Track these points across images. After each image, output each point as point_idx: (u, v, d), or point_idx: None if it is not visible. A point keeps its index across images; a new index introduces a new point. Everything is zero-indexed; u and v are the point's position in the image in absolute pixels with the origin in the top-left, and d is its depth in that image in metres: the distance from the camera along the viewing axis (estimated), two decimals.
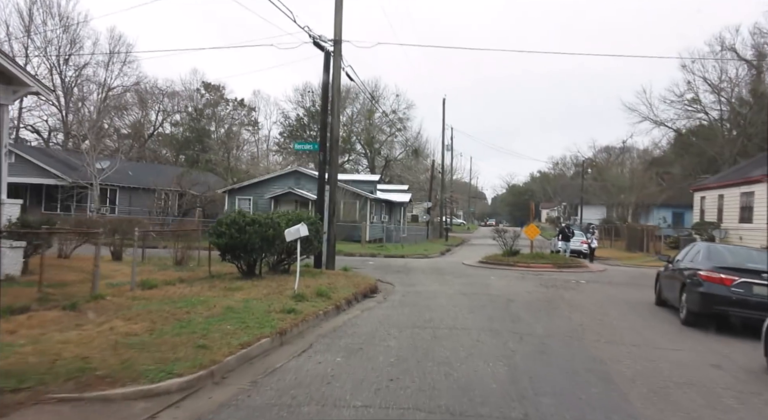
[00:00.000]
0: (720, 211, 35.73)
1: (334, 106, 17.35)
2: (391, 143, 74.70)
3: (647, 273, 20.38)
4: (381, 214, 43.39)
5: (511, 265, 20.56)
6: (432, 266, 21.03)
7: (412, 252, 29.30)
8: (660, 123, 48.83)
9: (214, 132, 74.48)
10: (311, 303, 10.30)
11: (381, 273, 18.18)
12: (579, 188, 65.30)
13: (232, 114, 79.73)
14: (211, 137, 69.56)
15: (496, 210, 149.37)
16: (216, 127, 76.95)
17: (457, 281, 16.41)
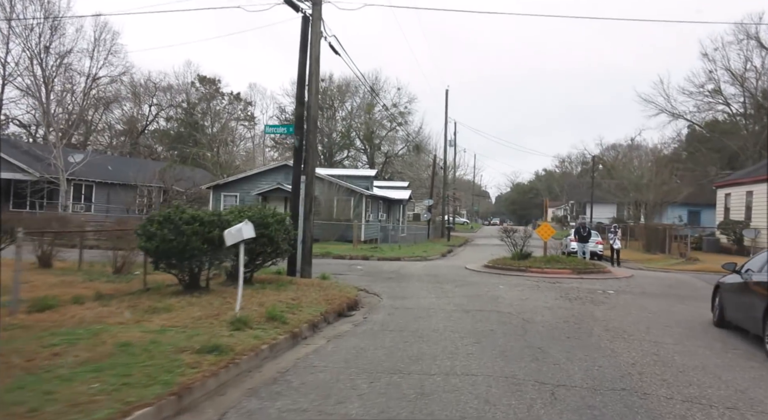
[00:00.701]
0: (748, 208, 32.67)
1: (312, 80, 14.46)
2: (392, 139, 71.76)
3: (681, 279, 17.48)
4: (378, 212, 40.48)
5: (522, 270, 17.64)
6: (430, 271, 18.13)
7: (409, 254, 26.39)
8: (678, 115, 45.86)
9: (209, 127, 71.88)
10: (255, 332, 7.43)
11: (368, 280, 15.32)
12: (588, 186, 62.37)
13: (227, 108, 77.07)
14: (205, 132, 66.85)
15: (500, 209, 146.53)
16: (211, 122, 74.33)
17: (459, 292, 13.50)
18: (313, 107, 14.59)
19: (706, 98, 46.43)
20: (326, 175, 36.38)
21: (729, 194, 35.30)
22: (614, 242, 24.94)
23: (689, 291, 14.88)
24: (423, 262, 23.72)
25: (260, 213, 11.93)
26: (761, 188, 30.77)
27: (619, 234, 25.81)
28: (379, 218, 40.78)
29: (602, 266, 18.54)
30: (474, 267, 19.09)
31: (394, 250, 28.27)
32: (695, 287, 15.70)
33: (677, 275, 19.04)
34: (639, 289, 14.96)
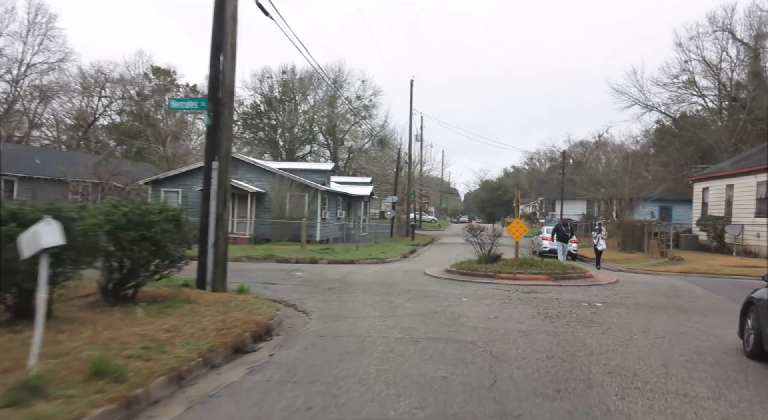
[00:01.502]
0: (728, 203, 30.78)
1: (227, 41, 11.40)
2: (356, 133, 68.80)
3: (674, 285, 15.01)
4: (337, 209, 37.48)
5: (490, 276, 14.93)
6: (383, 278, 15.27)
7: (365, 255, 23.50)
8: (651, 107, 44.08)
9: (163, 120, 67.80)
10: (49, 406, 4.42)
11: (304, 292, 12.42)
12: (557, 182, 60.53)
13: None
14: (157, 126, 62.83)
15: (469, 207, 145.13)
16: (166, 115, 70.21)
17: (412, 308, 10.67)
18: (229, 74, 11.53)
19: (680, 90, 44.81)
20: (277, 169, 33.23)
21: (707, 189, 33.43)
22: (598, 242, 22.41)
23: (690, 301, 12.37)
24: (379, 265, 20.87)
25: (140, 208, 8.85)
26: (745, 181, 28.84)
27: (604, 232, 23.26)
28: (338, 216, 37.81)
29: (582, 270, 15.97)
30: (435, 272, 16.30)
31: (349, 251, 25.33)
32: (695, 295, 13.22)
33: (666, 279, 16.62)
34: (631, 299, 12.37)
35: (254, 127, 67.46)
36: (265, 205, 32.38)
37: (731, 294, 13.49)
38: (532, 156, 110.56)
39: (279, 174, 32.28)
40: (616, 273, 20.10)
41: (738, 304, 12.26)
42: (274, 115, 68.86)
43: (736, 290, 14.22)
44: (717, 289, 14.37)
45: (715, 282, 16.21)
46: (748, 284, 15.91)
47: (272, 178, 32.26)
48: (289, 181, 32.13)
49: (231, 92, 11.73)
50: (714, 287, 14.68)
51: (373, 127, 63.43)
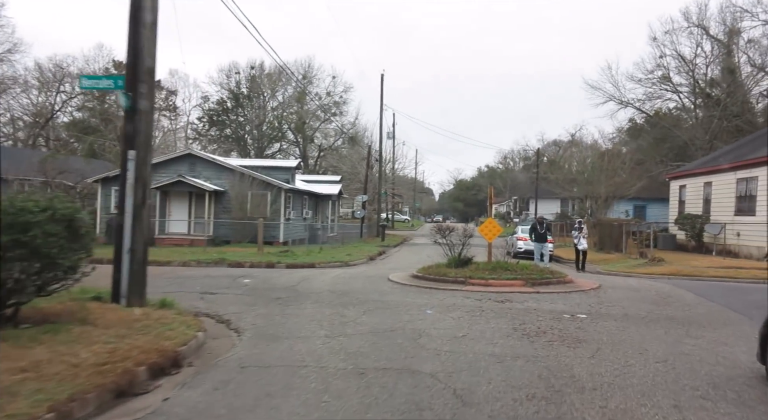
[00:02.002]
0: (707, 201, 29.85)
1: (144, 2, 9.54)
2: (327, 131, 66.94)
3: (662, 290, 13.63)
4: (302, 208, 35.65)
5: (460, 282, 13.34)
6: (340, 286, 13.56)
7: (328, 258, 21.75)
8: (627, 103, 43.24)
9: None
10: None
11: (245, 304, 10.69)
12: (531, 181, 59.62)
13: None
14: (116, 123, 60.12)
15: (443, 206, 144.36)
16: None
17: (366, 323, 9.00)
18: (148, 46, 9.69)
19: (655, 86, 44.11)
20: (238, 166, 31.26)
21: (684, 186, 32.53)
22: (579, 242, 20.98)
23: (683, 310, 10.95)
24: (341, 269, 19.15)
25: (14, 205, 6.97)
26: (724, 178, 27.89)
27: (585, 231, 21.70)
28: (304, 216, 35.97)
29: (561, 274, 14.48)
30: (400, 278, 14.65)
31: (311, 253, 23.54)
32: (686, 303, 11.82)
33: (651, 283, 15.26)
34: (617, 308, 10.89)
35: (221, 124, 65.05)
36: (225, 205, 30.39)
37: (725, 300, 12.16)
38: (506, 155, 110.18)
39: (239, 171, 30.31)
40: (596, 276, 18.75)
41: (736, 314, 10.95)
42: (242, 111, 66.57)
43: (730, 296, 12.91)
44: (708, 294, 13.03)
45: (703, 286, 14.91)
46: (739, 288, 14.70)
47: (232, 176, 30.28)
48: (250, 178, 30.19)
49: (151, 69, 9.87)
50: (704, 292, 13.35)
51: (344, 124, 61.64)
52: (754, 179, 25.22)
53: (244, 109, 66.00)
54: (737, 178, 26.58)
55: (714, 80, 44.20)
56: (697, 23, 44.50)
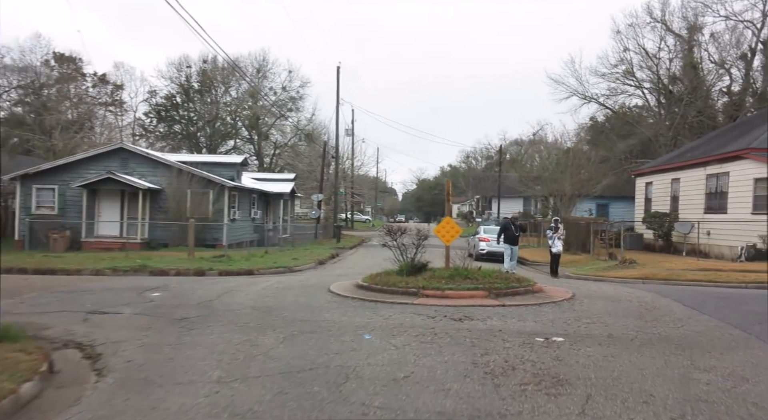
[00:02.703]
0: (674, 198, 28.64)
1: None
2: (283, 127, 64.10)
3: (643, 300, 11.82)
4: (251, 208, 33.08)
5: (412, 293, 11.23)
6: (269, 299, 11.29)
7: (269, 263, 19.42)
8: (590, 98, 42.11)
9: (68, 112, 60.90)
10: None
11: (138, 327, 8.49)
12: (494, 180, 58.31)
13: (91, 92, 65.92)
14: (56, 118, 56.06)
15: (406, 206, 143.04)
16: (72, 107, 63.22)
17: (280, 357, 6.81)
18: None
19: (618, 81, 43.15)
20: (176, 162, 28.50)
21: (650, 183, 31.34)
22: (553, 244, 18.94)
23: (675, 327, 9.10)
24: (281, 276, 16.87)
25: None
26: (693, 174, 26.66)
27: (562, 232, 19.56)
28: (253, 216, 33.42)
29: (529, 282, 12.51)
30: (342, 288, 12.45)
31: (252, 258, 21.13)
32: (676, 316, 9.99)
33: (628, 290, 13.47)
34: (599, 326, 8.95)
35: (170, 120, 61.50)
36: (161, 204, 27.62)
37: (718, 312, 10.40)
38: (469, 154, 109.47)
39: (177, 167, 27.59)
40: (565, 281, 16.97)
41: (737, 330, 9.09)
42: (193, 107, 63.16)
43: (721, 306, 11.18)
44: (697, 304, 11.28)
45: (686, 294, 13.20)
46: (727, 296, 12.93)
47: (169, 173, 27.53)
48: (189, 175, 27.49)
49: None
50: (691, 301, 11.60)
51: (300, 121, 59.05)
52: (725, 175, 24.00)
53: (195, 104, 62.63)
54: (707, 174, 25.37)
55: (676, 76, 43.53)
56: (659, 19, 43.82)
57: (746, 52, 44.03)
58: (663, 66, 42.17)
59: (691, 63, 42.10)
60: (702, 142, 30.54)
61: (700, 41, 43.92)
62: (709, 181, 25.12)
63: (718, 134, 30.75)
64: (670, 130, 39.43)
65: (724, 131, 30.85)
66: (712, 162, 24.81)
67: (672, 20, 42.97)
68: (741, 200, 22.62)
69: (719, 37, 41.18)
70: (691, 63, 42.10)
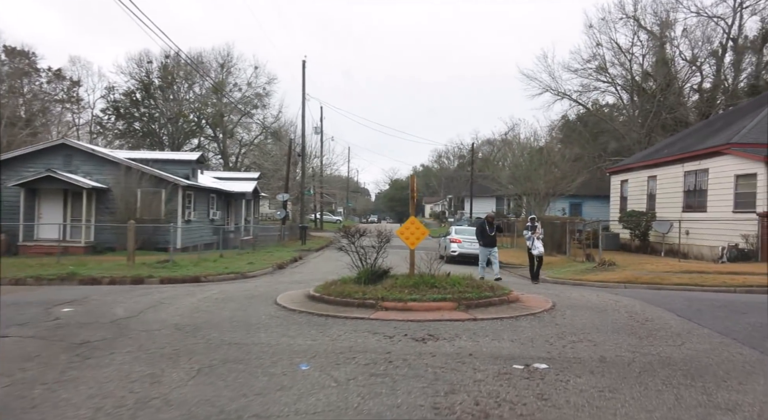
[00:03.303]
0: (651, 196, 27.70)
1: None
2: (249, 125, 61.95)
3: (632, 309, 10.47)
4: (209, 208, 31.13)
5: (369, 306, 9.68)
6: (201, 314, 9.61)
7: (221, 269, 17.67)
8: (563, 94, 41.18)
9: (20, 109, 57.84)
10: None
11: (19, 356, 6.88)
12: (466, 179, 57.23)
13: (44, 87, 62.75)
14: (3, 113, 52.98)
15: (379, 206, 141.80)
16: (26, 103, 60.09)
17: (182, 402, 5.16)
18: None
19: (591, 77, 42.34)
20: (124, 159, 26.45)
21: (626, 181, 30.39)
22: (532, 245, 17.25)
23: (676, 345, 7.73)
24: (231, 284, 15.15)
25: None
26: (670, 172, 25.71)
27: (540, 231, 17.80)
28: (211, 217, 31.46)
29: (504, 290, 11.06)
30: (291, 300, 10.82)
31: (202, 263, 19.34)
32: (674, 331, 8.63)
33: (614, 298, 12.13)
34: (588, 346, 7.51)
35: (130, 117, 58.81)
36: (108, 205, 25.55)
37: (719, 324, 9.10)
38: (441, 154, 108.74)
39: (125, 165, 25.55)
40: (542, 286, 15.64)
41: (748, 349, 7.62)
42: (154, 104, 60.55)
43: (719, 316, 9.89)
44: (692, 314, 9.98)
45: (674, 299, 11.95)
46: (721, 302, 11.50)
47: (117, 171, 25.49)
48: (139, 173, 25.50)
49: None
50: (685, 311, 10.31)
51: (266, 118, 57.00)
52: (704, 171, 23.05)
53: (156, 101, 60.03)
54: (685, 171, 24.42)
55: (649, 73, 42.93)
56: (630, 14, 43.18)
57: (717, 48, 43.75)
58: (636, 61, 41.56)
59: (663, 59, 41.52)
60: (679, 138, 29.71)
61: (672, 37, 43.45)
62: (688, 179, 24.18)
63: (695, 130, 29.97)
64: (643, 127, 38.70)
65: (701, 127, 30.09)
66: (691, 158, 23.88)
67: (644, 16, 42.37)
68: (721, 198, 21.67)
69: (691, 32, 40.70)
70: (663, 59, 41.52)
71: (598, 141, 41.49)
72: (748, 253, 19.69)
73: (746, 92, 41.31)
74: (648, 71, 43.04)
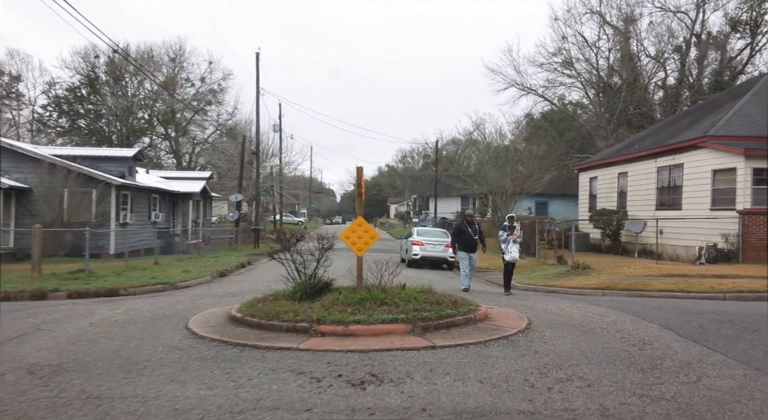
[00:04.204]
0: (622, 194, 26.40)
1: None
2: (203, 123, 58.95)
3: (620, 325, 8.72)
4: (150, 210, 28.55)
5: (302, 330, 7.66)
6: (82, 346, 7.45)
7: (148, 279, 15.35)
8: (529, 89, 39.86)
9: None
10: None
11: None
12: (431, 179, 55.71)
13: None
14: None
15: (344, 207, 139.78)
16: None
17: None
18: None
19: (557, 71, 41.15)
20: (47, 155, 23.72)
21: (595, 178, 29.09)
22: (507, 249, 14.25)
23: (691, 382, 5.97)
24: (154, 297, 12.90)
25: None
26: (642, 167, 24.41)
27: (519, 232, 14.86)
28: (154, 219, 28.88)
29: (469, 304, 9.17)
30: (206, 323, 8.71)
31: (128, 272, 16.95)
32: (681, 359, 6.88)
33: (596, 310, 10.38)
34: (581, 390, 5.66)
35: (74, 113, 55.17)
36: (30, 207, 22.81)
37: (735, 349, 7.38)
38: (406, 154, 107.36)
39: (49, 162, 22.85)
40: (513, 296, 13.86)
41: None
42: (101, 100, 57.01)
43: (728, 335, 8.20)
44: (694, 332, 8.30)
45: (667, 311, 10.30)
46: (724, 315, 9.49)
47: (40, 168, 22.77)
48: (66, 171, 22.82)
49: None
50: (685, 327, 8.62)
51: (221, 115, 54.23)
52: (678, 167, 21.76)
53: (103, 97, 56.50)
54: (658, 167, 23.13)
55: (614, 69, 42.05)
56: (594, 9, 42.25)
57: (681, 44, 43.21)
58: (602, 55, 40.58)
59: (628, 55, 40.65)
60: (650, 133, 28.55)
61: (637, 33, 42.67)
62: (661, 174, 22.91)
63: (667, 123, 28.87)
64: (610, 123, 37.68)
65: (672, 120, 29.03)
66: (664, 153, 22.59)
67: (609, 11, 41.46)
68: (698, 195, 20.39)
69: (657, 25, 39.93)
70: (628, 55, 40.65)
71: (564, 137, 40.37)
72: (728, 253, 18.40)
73: (711, 88, 40.82)
74: (614, 66, 42.17)
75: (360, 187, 9.71)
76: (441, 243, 23.50)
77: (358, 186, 9.76)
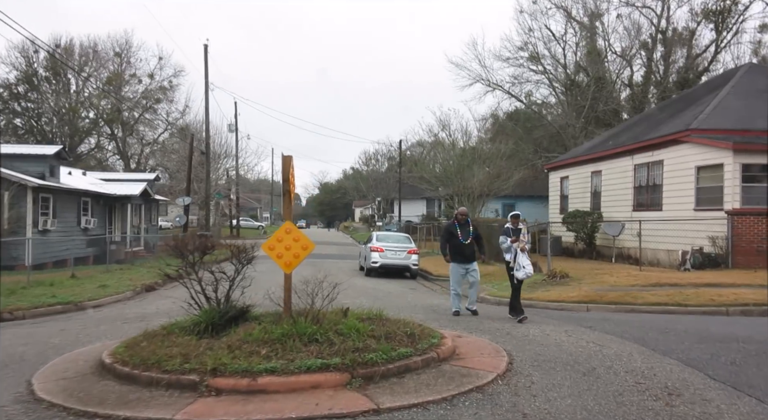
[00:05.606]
0: (596, 194, 24.70)
1: None
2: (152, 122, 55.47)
3: (629, 363, 6.48)
4: (79, 215, 25.55)
5: (188, 386, 5.30)
6: None
7: (47, 297, 12.69)
8: (495, 85, 38.19)
9: None
10: None
11: None
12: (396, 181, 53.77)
13: None
14: None
15: (309, 211, 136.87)
16: None
17: None
18: None
19: (524, 67, 39.66)
20: None
21: (566, 177, 27.40)
22: (515, 261, 10.14)
23: None
24: (40, 324, 10.32)
25: None
26: (618, 165, 22.74)
27: (527, 239, 10.45)
28: (84, 226, 25.90)
29: (431, 337, 6.95)
30: (59, 376, 6.27)
31: (25, 289, 14.20)
32: None
33: (590, 337, 8.31)
34: None
35: (9, 111, 51.03)
36: None
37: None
38: (371, 156, 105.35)
39: None
40: (483, 315, 11.75)
41: None
42: (41, 98, 52.99)
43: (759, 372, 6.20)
44: (726, 370, 6.31)
45: (680, 336, 8.32)
46: (754, 342, 7.74)
47: None
48: None
49: None
50: (712, 363, 6.62)
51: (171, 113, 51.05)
52: (658, 164, 20.11)
53: (43, 95, 52.51)
54: (635, 164, 21.47)
55: (581, 65, 40.80)
56: (559, 5, 40.95)
57: (647, 40, 42.28)
58: (570, 50, 39.24)
59: (595, 51, 39.42)
60: (625, 128, 27.00)
61: (604, 28, 41.53)
62: (638, 172, 21.25)
63: (643, 118, 27.40)
64: (578, 120, 36.29)
65: (647, 115, 27.60)
66: (641, 149, 20.95)
67: (576, 5, 40.17)
68: (680, 194, 18.75)
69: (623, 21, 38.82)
70: (595, 51, 39.42)
71: (532, 136, 38.86)
72: (716, 258, 16.74)
73: (677, 85, 39.93)
74: (580, 63, 40.91)
75: (288, 182, 7.41)
76: (403, 249, 21.39)
77: (285, 181, 7.45)
